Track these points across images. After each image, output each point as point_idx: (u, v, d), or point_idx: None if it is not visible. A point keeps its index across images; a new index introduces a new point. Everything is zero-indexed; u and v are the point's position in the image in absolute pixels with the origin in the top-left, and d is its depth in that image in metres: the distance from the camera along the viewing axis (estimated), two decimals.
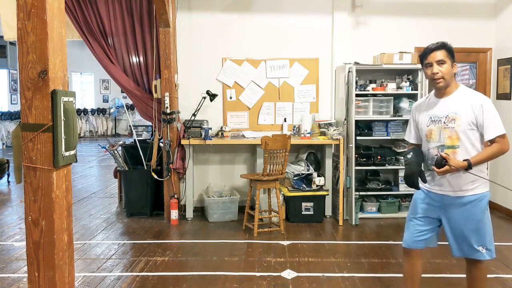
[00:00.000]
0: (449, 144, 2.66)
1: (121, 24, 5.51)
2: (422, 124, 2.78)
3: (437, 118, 2.70)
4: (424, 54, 2.70)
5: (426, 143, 2.77)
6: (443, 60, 2.63)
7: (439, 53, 2.64)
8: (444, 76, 2.64)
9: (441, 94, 2.73)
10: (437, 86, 2.69)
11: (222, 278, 3.78)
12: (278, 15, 5.90)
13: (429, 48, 2.68)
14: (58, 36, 1.94)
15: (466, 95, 2.69)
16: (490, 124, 2.60)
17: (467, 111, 2.62)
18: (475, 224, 2.71)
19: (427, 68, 2.68)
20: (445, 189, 2.72)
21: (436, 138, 2.70)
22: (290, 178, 5.52)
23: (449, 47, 2.68)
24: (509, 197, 5.78)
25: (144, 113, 5.76)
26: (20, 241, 4.72)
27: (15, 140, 2.60)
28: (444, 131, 2.66)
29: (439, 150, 2.66)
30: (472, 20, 6.02)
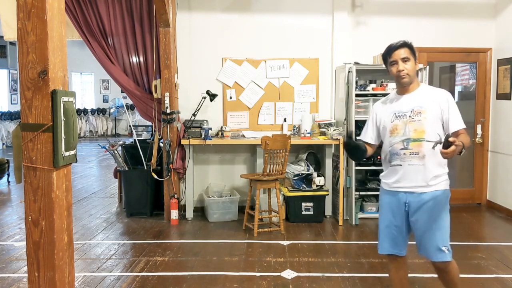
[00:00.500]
0: (414, 137, 2.67)
1: (121, 24, 5.51)
2: (386, 121, 2.78)
3: (401, 113, 2.72)
4: (388, 52, 2.75)
5: (389, 139, 2.76)
6: (407, 57, 2.70)
7: (403, 50, 2.71)
8: (409, 73, 2.69)
9: (404, 91, 2.77)
10: (402, 82, 2.72)
11: (222, 278, 3.78)
12: (278, 15, 5.91)
13: (393, 46, 2.74)
14: (58, 36, 1.94)
15: (429, 90, 2.79)
16: (455, 117, 2.68)
17: (434, 105, 2.67)
18: (439, 222, 2.74)
19: (392, 66, 2.73)
20: (408, 184, 2.72)
21: (401, 132, 2.70)
22: (290, 178, 5.52)
23: (411, 45, 2.75)
24: (509, 197, 5.78)
25: (144, 113, 5.76)
26: (20, 241, 4.72)
27: (15, 140, 2.60)
28: (410, 124, 2.68)
29: (404, 143, 2.69)
30: (472, 20, 6.02)
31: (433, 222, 2.73)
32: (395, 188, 2.77)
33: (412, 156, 2.68)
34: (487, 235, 5.21)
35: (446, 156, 2.48)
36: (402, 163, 2.71)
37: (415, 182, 2.71)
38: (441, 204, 2.77)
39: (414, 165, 2.69)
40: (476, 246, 4.62)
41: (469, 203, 6.25)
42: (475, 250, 4.48)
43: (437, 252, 2.73)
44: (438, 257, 2.74)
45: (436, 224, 2.73)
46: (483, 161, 6.21)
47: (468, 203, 6.25)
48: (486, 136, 6.15)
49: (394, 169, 2.75)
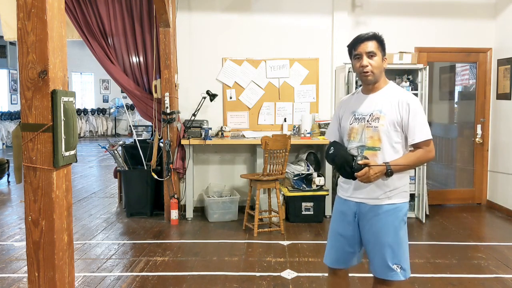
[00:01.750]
0: (369, 145, 2.37)
1: (121, 24, 5.51)
2: (345, 122, 2.49)
3: (361, 116, 2.42)
4: (354, 44, 2.42)
5: (347, 143, 2.47)
6: (373, 52, 2.36)
7: (370, 44, 2.37)
8: (373, 70, 2.36)
9: (368, 89, 2.45)
10: (364, 80, 2.41)
11: (222, 278, 3.78)
12: (278, 15, 5.90)
13: (359, 38, 2.41)
14: (58, 36, 1.94)
15: (394, 92, 2.43)
16: (416, 126, 2.33)
17: (393, 110, 2.35)
18: (391, 238, 2.39)
19: (356, 60, 2.40)
20: (360, 196, 2.42)
21: (357, 138, 2.41)
22: (290, 178, 5.52)
23: (381, 39, 2.41)
24: (509, 197, 5.78)
25: (144, 113, 5.76)
26: (20, 241, 4.72)
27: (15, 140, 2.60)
28: (367, 130, 2.37)
29: (359, 151, 2.38)
30: (472, 20, 6.02)
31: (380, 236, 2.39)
32: (348, 197, 2.49)
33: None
34: (487, 235, 5.21)
35: (362, 180, 2.28)
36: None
37: (368, 194, 2.40)
38: (395, 218, 2.40)
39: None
40: (476, 246, 4.62)
41: (469, 203, 6.25)
42: (475, 250, 4.48)
43: (387, 270, 2.41)
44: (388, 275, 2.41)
45: (384, 240, 2.39)
46: (483, 161, 6.21)
47: (468, 203, 6.25)
48: (486, 136, 6.15)
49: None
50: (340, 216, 2.55)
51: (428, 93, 5.43)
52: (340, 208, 2.55)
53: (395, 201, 2.40)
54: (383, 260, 2.41)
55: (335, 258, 2.59)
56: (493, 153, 6.12)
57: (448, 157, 6.54)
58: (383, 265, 2.42)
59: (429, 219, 5.52)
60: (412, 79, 5.62)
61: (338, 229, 2.56)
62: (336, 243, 2.57)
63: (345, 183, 2.51)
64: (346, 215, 2.51)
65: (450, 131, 6.56)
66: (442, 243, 4.69)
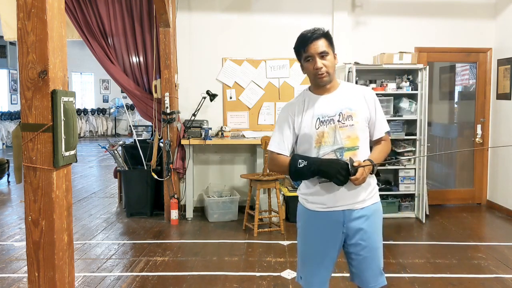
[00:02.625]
0: (349, 146, 2.19)
1: (121, 24, 5.51)
2: (307, 128, 2.22)
3: (328, 117, 2.20)
4: (303, 45, 2.19)
5: (315, 150, 2.21)
6: (325, 51, 2.17)
7: (320, 42, 2.16)
8: (328, 70, 2.18)
9: (323, 90, 2.26)
10: (321, 81, 2.20)
11: (222, 278, 3.78)
12: (278, 15, 5.90)
13: (307, 38, 2.18)
14: (58, 36, 1.94)
15: (353, 88, 2.32)
16: (382, 119, 2.28)
17: (362, 106, 2.23)
18: (379, 240, 2.28)
19: (307, 62, 2.20)
20: (346, 202, 2.21)
21: (330, 141, 2.19)
22: (290, 178, 5.52)
23: (328, 34, 2.22)
24: (509, 197, 5.78)
25: (144, 113, 5.76)
26: (20, 241, 4.72)
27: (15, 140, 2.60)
28: (341, 131, 2.19)
29: (337, 154, 2.19)
30: (472, 20, 6.02)
31: (373, 241, 2.25)
32: (330, 207, 2.22)
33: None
34: (487, 235, 5.21)
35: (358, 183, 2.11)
36: None
37: (354, 199, 2.22)
38: (379, 218, 2.31)
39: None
40: (476, 246, 4.62)
41: (469, 203, 6.25)
42: (475, 250, 4.48)
43: (379, 276, 2.28)
44: (379, 281, 2.28)
45: (377, 242, 2.27)
46: (483, 161, 6.20)
47: (468, 203, 6.25)
48: (486, 136, 6.15)
49: (327, 185, 2.19)
50: (319, 234, 2.26)
51: (428, 93, 5.43)
52: (318, 224, 2.26)
53: (376, 199, 2.31)
54: (377, 266, 2.28)
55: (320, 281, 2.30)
56: (493, 153, 6.11)
57: (448, 157, 6.53)
58: (376, 272, 2.28)
59: (429, 219, 5.52)
60: (412, 79, 5.62)
61: (319, 249, 2.27)
62: (319, 264, 2.28)
63: (318, 193, 2.23)
64: (331, 229, 2.25)
65: (450, 131, 6.56)
66: (442, 243, 4.69)
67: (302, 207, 2.34)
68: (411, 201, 5.65)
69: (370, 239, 2.25)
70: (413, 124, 5.60)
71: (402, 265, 4.05)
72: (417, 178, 5.52)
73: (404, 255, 4.34)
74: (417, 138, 5.49)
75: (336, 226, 2.24)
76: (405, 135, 5.57)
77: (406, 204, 5.66)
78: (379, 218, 2.31)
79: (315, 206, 2.26)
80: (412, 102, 5.55)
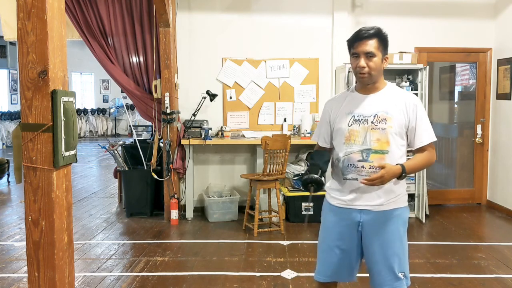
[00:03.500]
0: (377, 149, 2.21)
1: (121, 24, 5.51)
2: (341, 124, 2.29)
3: (362, 117, 2.24)
4: (353, 41, 2.23)
5: (344, 147, 2.28)
6: (373, 53, 2.18)
7: (370, 42, 2.18)
8: (371, 72, 2.20)
9: (366, 90, 2.29)
10: (360, 80, 2.26)
11: (222, 278, 3.78)
12: (278, 15, 5.90)
13: (360, 35, 2.21)
14: (58, 36, 1.94)
15: (397, 93, 2.30)
16: (424, 128, 2.24)
17: (400, 112, 2.23)
18: (397, 245, 2.28)
19: (354, 58, 2.24)
20: (363, 203, 2.26)
21: (359, 141, 2.23)
22: (290, 178, 5.52)
23: (383, 36, 2.21)
24: (509, 197, 5.78)
25: (144, 113, 5.76)
26: (20, 241, 4.72)
27: (15, 140, 2.60)
28: (372, 132, 2.21)
29: (364, 155, 2.22)
30: (472, 20, 6.02)
31: (391, 245, 2.27)
32: (348, 205, 2.30)
33: (372, 171, 2.20)
34: (487, 235, 5.21)
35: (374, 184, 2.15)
36: (358, 177, 2.23)
37: (373, 200, 2.25)
38: (401, 224, 2.31)
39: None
40: (476, 246, 4.62)
41: (469, 203, 6.25)
42: (475, 250, 4.48)
43: (394, 280, 2.27)
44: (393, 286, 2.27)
45: (394, 247, 2.28)
46: (483, 161, 6.20)
47: (468, 203, 6.24)
48: (486, 136, 6.15)
49: (349, 183, 2.28)
50: (336, 228, 2.34)
51: (428, 93, 5.43)
52: (336, 218, 2.35)
53: (399, 205, 2.30)
54: (391, 270, 2.27)
55: (330, 274, 2.37)
56: (493, 153, 6.12)
57: (448, 157, 6.54)
58: (391, 276, 2.27)
59: (429, 219, 5.52)
60: (412, 79, 5.62)
61: (334, 242, 2.34)
62: (332, 258, 2.35)
63: (341, 190, 2.32)
64: (346, 225, 2.31)
65: (450, 131, 6.56)
66: (442, 243, 4.69)
67: (326, 201, 2.45)
68: (411, 201, 5.64)
69: (384, 244, 2.26)
70: None
71: None
72: (417, 178, 5.52)
73: None
74: None
75: (352, 223, 2.30)
76: None
77: None
78: (398, 225, 2.29)
79: (336, 202, 2.36)
80: None
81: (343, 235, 2.33)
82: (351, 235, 2.31)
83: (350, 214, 2.30)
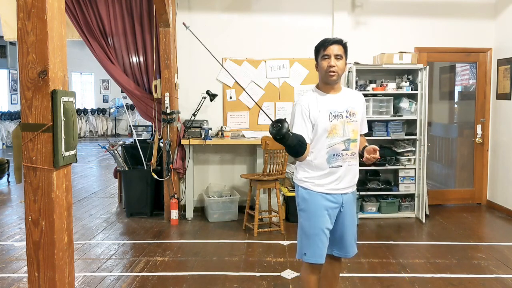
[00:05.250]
0: (353, 138, 2.66)
1: (121, 24, 5.51)
2: (322, 121, 2.61)
3: (337, 113, 2.63)
4: (324, 44, 2.64)
5: (326, 140, 2.62)
6: (340, 55, 2.61)
7: (338, 47, 2.61)
8: (338, 71, 2.60)
9: (330, 89, 2.67)
10: (330, 79, 2.61)
11: (222, 278, 3.78)
12: (278, 15, 5.90)
13: (329, 40, 2.65)
14: (58, 36, 1.94)
15: (352, 91, 2.89)
16: (365, 120, 2.83)
17: (360, 106, 2.73)
18: (355, 218, 2.85)
19: (324, 60, 2.62)
20: (346, 185, 2.69)
21: (339, 133, 2.62)
22: (290, 178, 5.52)
23: (346, 45, 2.67)
24: (509, 197, 5.78)
25: (144, 113, 5.76)
26: (20, 241, 4.72)
27: (15, 140, 2.60)
28: (348, 125, 2.64)
29: (346, 144, 2.63)
30: (472, 20, 6.02)
31: (353, 217, 2.80)
32: (334, 190, 2.66)
33: (352, 157, 2.67)
34: (487, 235, 5.21)
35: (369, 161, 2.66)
36: (343, 164, 2.64)
37: (350, 182, 2.71)
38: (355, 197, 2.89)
39: (352, 165, 2.69)
40: (476, 246, 4.62)
41: (469, 203, 6.25)
42: (475, 250, 4.48)
43: (354, 246, 2.82)
44: (354, 250, 2.82)
45: (354, 218, 2.82)
46: (483, 161, 6.20)
47: (468, 203, 6.24)
48: (486, 136, 6.15)
49: (334, 170, 2.64)
50: (326, 212, 2.66)
51: (428, 93, 5.43)
52: (324, 203, 2.66)
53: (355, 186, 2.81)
54: (355, 238, 2.81)
55: (323, 253, 2.70)
56: (493, 153, 6.12)
57: (448, 157, 6.54)
58: (353, 243, 2.80)
59: (429, 219, 5.52)
60: (412, 79, 5.62)
61: (324, 224, 2.67)
62: (323, 239, 2.67)
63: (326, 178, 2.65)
64: (334, 208, 2.68)
65: (450, 131, 6.56)
66: (442, 243, 4.69)
67: (307, 190, 2.69)
68: (411, 201, 5.65)
69: (352, 217, 2.78)
70: (413, 124, 5.60)
71: (402, 265, 4.05)
72: (417, 178, 5.52)
73: (404, 255, 4.35)
74: (417, 138, 5.49)
75: (337, 205, 2.69)
76: (405, 135, 5.58)
77: (406, 204, 5.66)
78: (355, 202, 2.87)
79: (323, 189, 2.66)
80: (412, 102, 5.55)
81: (331, 217, 2.69)
82: (335, 215, 2.70)
83: (337, 197, 2.68)
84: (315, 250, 2.67)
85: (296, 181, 2.77)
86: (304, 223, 2.71)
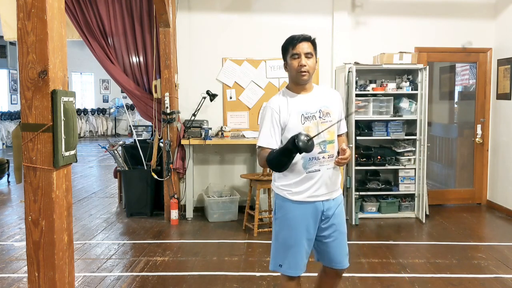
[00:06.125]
0: (329, 139, 2.46)
1: (121, 24, 5.51)
2: (295, 123, 2.43)
3: (310, 114, 2.44)
4: (292, 43, 2.47)
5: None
6: (310, 53, 2.44)
7: (307, 45, 2.45)
8: (309, 70, 2.42)
9: (301, 89, 2.50)
10: (301, 79, 2.44)
11: (222, 278, 3.78)
12: (278, 15, 5.90)
13: (298, 37, 2.48)
14: (58, 36, 1.94)
15: (327, 89, 2.66)
16: (343, 119, 2.61)
17: (336, 105, 2.53)
18: (344, 225, 2.58)
19: (293, 59, 2.45)
20: (325, 191, 2.47)
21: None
22: None
23: (315, 41, 2.50)
24: (509, 197, 5.78)
25: (144, 113, 5.76)
26: (20, 241, 4.72)
27: (15, 140, 2.60)
28: (322, 126, 2.42)
29: (322, 146, 2.43)
30: (472, 20, 6.02)
31: (342, 226, 2.55)
32: (313, 197, 2.45)
33: (330, 160, 2.45)
34: (487, 235, 5.21)
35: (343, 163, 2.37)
36: (320, 167, 2.43)
37: (331, 187, 2.49)
38: (343, 206, 2.62)
39: (330, 168, 2.46)
40: (476, 246, 4.62)
41: (469, 203, 6.25)
42: (475, 250, 4.48)
43: (345, 258, 2.59)
44: (344, 263, 2.58)
45: (343, 227, 2.57)
46: (483, 161, 6.20)
47: (468, 203, 6.24)
48: (486, 136, 6.15)
49: (311, 175, 2.43)
50: (303, 221, 2.46)
51: (428, 93, 5.43)
52: (301, 212, 2.46)
53: (340, 192, 2.60)
54: (344, 248, 2.58)
55: (302, 266, 2.54)
56: (493, 153, 6.12)
57: (448, 157, 6.54)
58: (344, 254, 2.57)
59: (429, 219, 5.52)
60: (412, 79, 5.62)
61: (302, 234, 2.47)
62: (302, 250, 2.49)
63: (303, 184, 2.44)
64: (312, 217, 2.47)
65: (450, 131, 6.55)
66: (442, 243, 4.69)
67: (284, 198, 2.50)
68: (411, 201, 5.65)
69: (339, 226, 2.54)
70: (413, 124, 5.60)
71: (402, 265, 4.05)
72: (417, 178, 5.52)
73: (404, 255, 4.35)
74: (417, 138, 5.49)
75: (316, 214, 2.48)
76: (405, 135, 5.58)
77: (406, 204, 5.66)
78: (343, 206, 2.61)
79: (300, 197, 2.46)
80: (412, 102, 5.55)
81: (309, 227, 2.48)
82: (315, 225, 2.49)
83: (315, 205, 2.47)
84: (291, 262, 2.51)
85: (273, 187, 2.58)
86: (281, 233, 2.52)
